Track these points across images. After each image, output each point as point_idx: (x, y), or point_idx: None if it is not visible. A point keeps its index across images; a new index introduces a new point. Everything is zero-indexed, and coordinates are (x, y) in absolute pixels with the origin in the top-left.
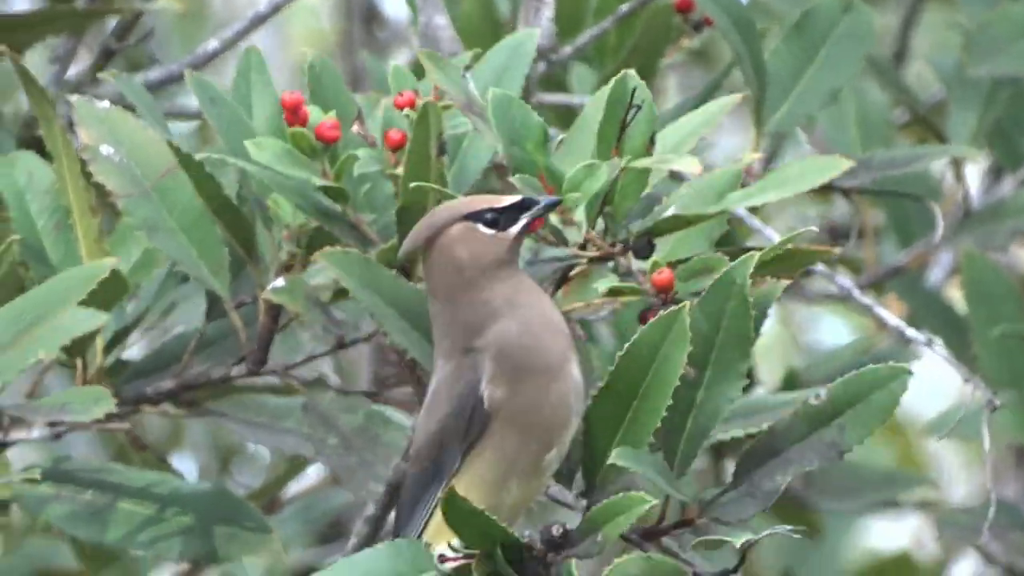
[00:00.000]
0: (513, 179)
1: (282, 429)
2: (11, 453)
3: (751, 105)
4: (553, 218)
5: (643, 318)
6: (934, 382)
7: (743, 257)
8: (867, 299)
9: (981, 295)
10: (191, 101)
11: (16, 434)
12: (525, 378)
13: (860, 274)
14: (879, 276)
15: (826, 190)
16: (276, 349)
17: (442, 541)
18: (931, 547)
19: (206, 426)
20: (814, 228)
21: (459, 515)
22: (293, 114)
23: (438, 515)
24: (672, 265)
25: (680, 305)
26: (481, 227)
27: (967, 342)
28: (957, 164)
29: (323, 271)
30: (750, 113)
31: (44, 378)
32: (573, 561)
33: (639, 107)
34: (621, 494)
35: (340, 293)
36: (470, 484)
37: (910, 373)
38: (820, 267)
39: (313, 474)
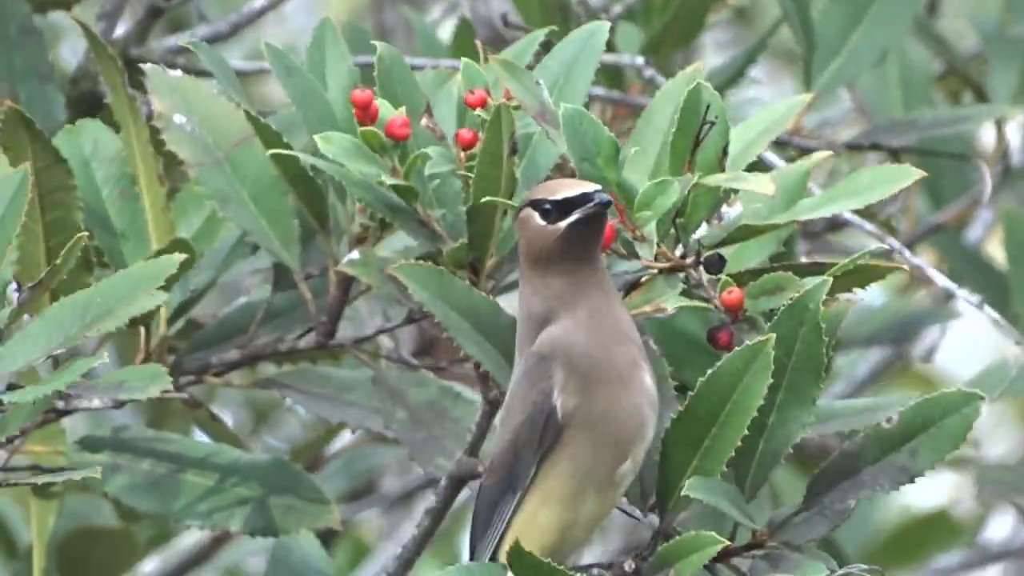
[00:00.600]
0: None
1: (347, 402)
2: (66, 422)
3: (800, 65)
4: (625, 233)
5: (712, 336)
6: (968, 337)
7: (818, 283)
8: (917, 260)
9: (1022, 253)
10: (236, 61)
11: (76, 402)
12: (595, 388)
13: (895, 233)
14: (917, 235)
15: (866, 150)
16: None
17: None
18: (968, 504)
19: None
20: (887, 246)
21: (524, 567)
22: (363, 111)
23: (513, 530)
24: (739, 277)
25: (767, 337)
26: (537, 216)
27: (1007, 299)
28: (999, 122)
29: (396, 243)
30: (797, 73)
31: (103, 346)
32: None
33: (713, 123)
34: (694, 533)
35: None
36: (545, 496)
37: (983, 399)
38: (868, 226)
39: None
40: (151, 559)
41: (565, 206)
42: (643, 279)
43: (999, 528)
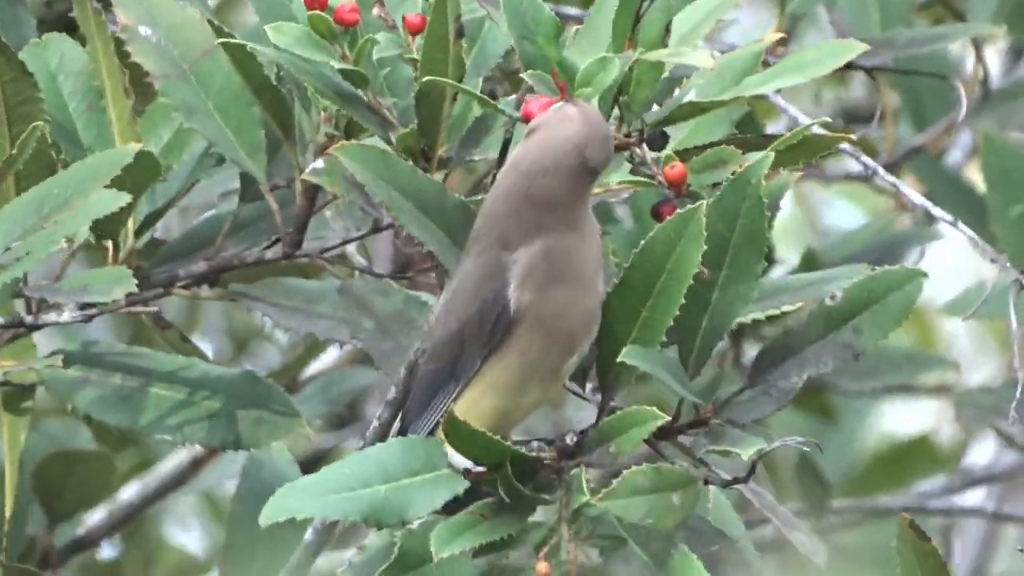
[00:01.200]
0: (525, 75)
1: (315, 313)
2: (37, 338)
3: None
4: None
5: (655, 211)
6: (949, 262)
7: (759, 157)
8: (892, 178)
9: (1000, 175)
10: None
11: (46, 317)
12: (556, 287)
13: (876, 156)
14: (897, 157)
15: (845, 71)
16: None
17: None
18: (949, 430)
19: (224, 308)
20: (827, 118)
21: (460, 437)
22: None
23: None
24: (687, 154)
25: (698, 204)
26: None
27: (986, 223)
28: (977, 44)
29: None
30: None
31: (73, 262)
32: (584, 469)
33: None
34: (634, 408)
35: None
36: (488, 386)
37: (925, 275)
38: (845, 147)
39: (332, 354)
40: (131, 484)
41: None
42: None
43: (981, 454)
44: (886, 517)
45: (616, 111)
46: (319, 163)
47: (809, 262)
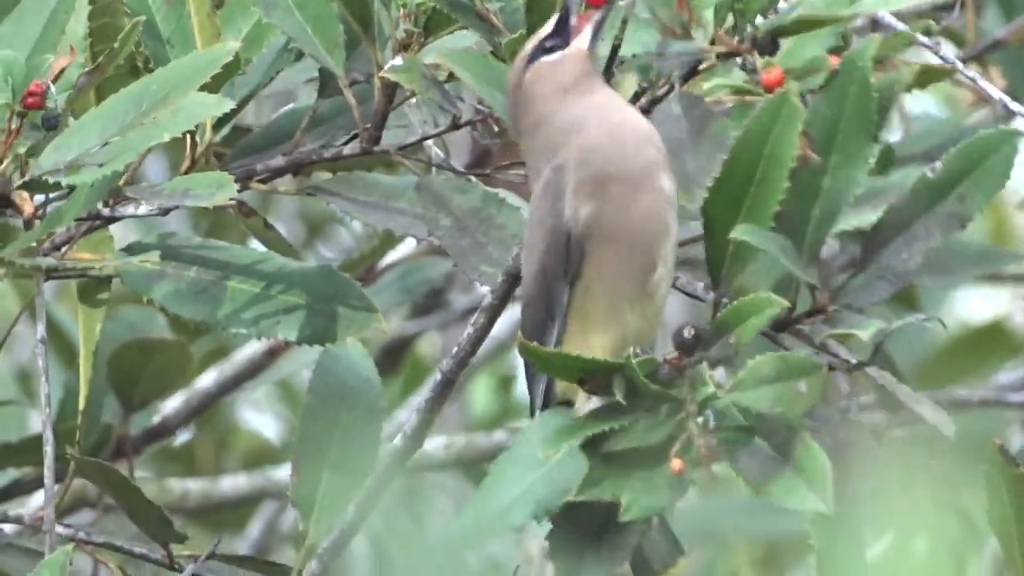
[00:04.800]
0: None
1: (394, 208)
2: (114, 229)
3: None
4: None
5: None
6: None
7: (865, 40)
8: (971, 72)
9: None
10: None
11: (123, 210)
12: (608, 187)
13: (961, 47)
14: (980, 49)
15: None
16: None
17: None
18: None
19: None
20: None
21: (545, 363)
22: None
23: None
24: (788, 72)
25: (787, 87)
26: (545, 59)
27: None
28: None
29: (439, 49)
30: None
31: (149, 154)
32: (706, 363)
33: None
34: (751, 295)
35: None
36: (584, 321)
37: (1020, 135)
38: (921, 38)
39: (410, 244)
40: (207, 372)
41: (562, 28)
42: (703, 67)
43: None
44: (963, 410)
45: (730, 18)
46: (398, 60)
47: (887, 158)
